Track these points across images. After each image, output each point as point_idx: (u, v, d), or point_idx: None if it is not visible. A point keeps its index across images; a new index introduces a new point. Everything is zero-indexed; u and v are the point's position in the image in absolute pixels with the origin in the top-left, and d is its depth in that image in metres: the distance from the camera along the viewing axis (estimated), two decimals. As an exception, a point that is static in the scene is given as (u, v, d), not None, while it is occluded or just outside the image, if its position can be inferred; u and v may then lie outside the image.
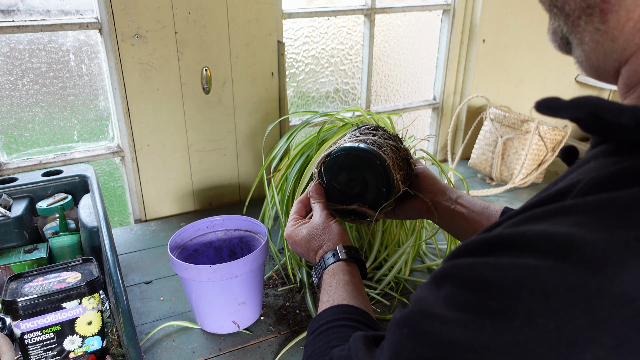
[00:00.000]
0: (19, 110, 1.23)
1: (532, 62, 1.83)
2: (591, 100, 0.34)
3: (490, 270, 0.32)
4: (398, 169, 0.83)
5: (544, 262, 0.30)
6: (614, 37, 0.38)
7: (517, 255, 0.32)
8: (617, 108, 0.33)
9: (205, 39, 1.29)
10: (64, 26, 1.17)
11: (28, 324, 0.78)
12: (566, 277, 0.29)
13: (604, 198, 0.32)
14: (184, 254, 1.02)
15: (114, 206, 1.47)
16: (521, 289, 0.30)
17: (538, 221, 0.34)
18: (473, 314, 0.32)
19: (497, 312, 0.31)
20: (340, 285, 0.69)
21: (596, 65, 0.41)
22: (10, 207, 1.04)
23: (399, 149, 0.86)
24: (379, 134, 0.88)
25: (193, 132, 1.38)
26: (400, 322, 0.37)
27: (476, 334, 0.31)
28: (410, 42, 1.73)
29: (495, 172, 1.66)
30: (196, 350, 0.93)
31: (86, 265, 0.89)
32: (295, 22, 1.47)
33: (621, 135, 0.35)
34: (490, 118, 1.68)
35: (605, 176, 0.33)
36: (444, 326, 0.33)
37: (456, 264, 0.35)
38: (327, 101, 1.65)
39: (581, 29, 0.40)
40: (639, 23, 0.37)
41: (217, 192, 1.49)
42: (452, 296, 0.34)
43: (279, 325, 1.00)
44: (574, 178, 0.37)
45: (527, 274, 0.30)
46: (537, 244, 0.32)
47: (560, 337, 0.28)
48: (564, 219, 0.32)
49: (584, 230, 0.30)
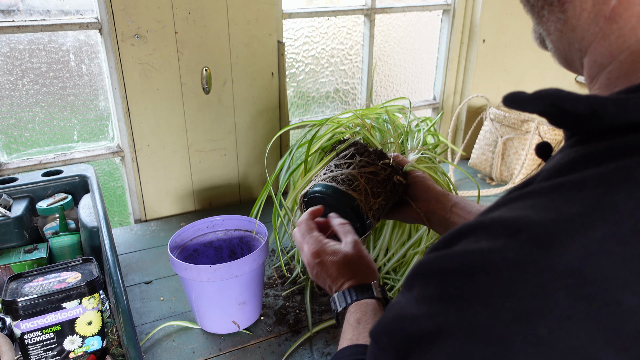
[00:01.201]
0: (19, 110, 1.23)
1: (532, 62, 1.83)
2: (550, 91, 0.35)
3: (448, 259, 0.33)
4: (373, 197, 0.82)
5: (495, 244, 0.31)
6: (573, 26, 0.40)
7: (473, 241, 0.33)
8: (574, 98, 0.34)
9: (205, 39, 1.29)
10: (64, 26, 1.17)
11: (28, 324, 0.78)
12: (516, 257, 0.30)
13: (557, 181, 0.33)
14: (184, 254, 1.02)
15: (114, 206, 1.47)
16: (477, 272, 0.31)
17: (498, 208, 0.35)
18: (438, 304, 0.33)
19: (457, 297, 0.32)
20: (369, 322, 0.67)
21: (564, 55, 0.43)
22: (10, 207, 1.04)
23: (376, 174, 0.83)
24: (356, 162, 0.85)
25: (193, 132, 1.38)
26: (377, 333, 0.38)
27: (441, 323, 0.32)
28: (410, 42, 1.73)
29: (495, 172, 1.66)
30: (196, 350, 0.93)
31: (86, 265, 0.89)
32: (295, 22, 1.47)
33: (580, 125, 0.36)
34: (490, 118, 1.68)
35: (563, 164, 0.35)
36: (414, 323, 0.34)
37: (422, 262, 0.36)
38: (327, 101, 1.65)
39: (545, 19, 0.42)
40: (592, 13, 0.38)
41: (217, 192, 1.49)
42: (420, 293, 0.35)
43: (279, 325, 1.00)
44: (540, 169, 0.38)
45: (480, 258, 0.31)
46: (491, 228, 0.33)
47: (514, 314, 0.29)
48: (520, 204, 0.34)
49: (535, 211, 0.31)
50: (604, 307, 0.28)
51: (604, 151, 0.33)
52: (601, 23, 0.38)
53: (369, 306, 0.69)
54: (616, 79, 0.38)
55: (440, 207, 0.83)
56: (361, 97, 1.69)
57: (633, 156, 0.31)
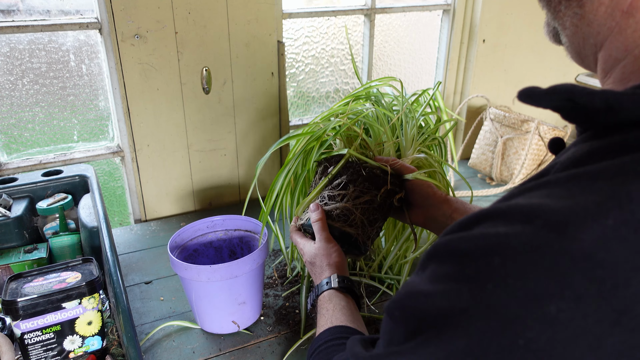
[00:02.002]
0: (19, 110, 1.23)
1: (532, 62, 1.83)
2: (566, 86, 0.36)
3: (465, 242, 0.35)
4: (370, 225, 0.82)
5: (512, 229, 0.33)
6: (589, 21, 0.40)
7: (490, 226, 0.34)
8: (589, 92, 0.35)
9: (205, 39, 1.29)
10: (64, 26, 1.17)
11: (28, 324, 0.78)
12: (532, 241, 0.31)
13: (573, 172, 0.34)
14: (184, 254, 1.02)
15: (114, 206, 1.47)
16: (493, 254, 0.32)
17: (514, 197, 0.36)
18: (453, 283, 0.34)
19: (473, 278, 0.33)
20: (337, 309, 0.71)
21: (578, 50, 0.43)
22: (10, 207, 1.04)
23: (372, 202, 0.81)
24: (349, 193, 0.82)
25: (193, 132, 1.38)
26: (390, 308, 0.39)
27: (456, 301, 0.33)
28: (410, 42, 1.73)
29: (495, 172, 1.66)
30: (196, 350, 0.93)
31: (86, 265, 0.89)
32: (295, 22, 1.47)
33: (595, 120, 0.37)
34: (490, 118, 1.68)
35: (578, 156, 0.36)
36: (428, 299, 0.35)
37: (437, 244, 0.37)
38: (327, 101, 1.65)
39: (562, 14, 0.43)
40: (609, 8, 0.38)
41: (217, 192, 1.49)
42: (435, 272, 0.36)
43: (279, 325, 1.00)
44: (553, 162, 0.39)
45: (497, 241, 0.33)
46: (508, 214, 0.34)
47: (527, 294, 0.30)
48: (536, 193, 0.35)
49: (552, 199, 0.33)
50: (612, 289, 0.29)
51: (620, 144, 0.34)
52: (618, 17, 0.38)
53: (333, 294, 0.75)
54: (631, 73, 0.39)
55: (441, 214, 0.83)
56: (361, 97, 1.69)
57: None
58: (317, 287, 0.77)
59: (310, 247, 0.82)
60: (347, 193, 0.82)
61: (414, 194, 0.86)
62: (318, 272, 0.79)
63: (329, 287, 0.75)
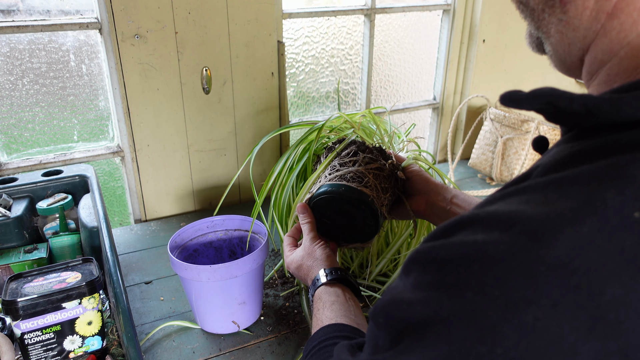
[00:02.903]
0: (19, 110, 1.23)
1: (532, 62, 1.83)
2: (546, 90, 0.36)
3: (446, 249, 0.35)
4: (383, 193, 0.82)
5: (490, 236, 0.33)
6: (575, 26, 0.40)
7: (470, 233, 0.35)
8: (568, 97, 0.35)
9: (205, 39, 1.29)
10: (64, 26, 1.17)
11: (28, 324, 0.78)
12: (509, 249, 0.32)
13: (552, 177, 0.34)
14: (184, 254, 1.02)
15: (114, 206, 1.47)
16: (472, 262, 0.33)
17: (495, 202, 0.37)
18: (433, 291, 0.34)
19: (453, 286, 0.33)
20: (326, 307, 0.71)
21: (563, 57, 0.44)
22: (10, 207, 1.04)
23: (382, 169, 0.83)
24: (360, 159, 0.85)
25: (193, 132, 1.38)
26: (375, 314, 0.39)
27: (436, 309, 0.33)
28: (410, 42, 1.73)
29: (495, 172, 1.66)
30: (196, 350, 0.93)
31: (86, 265, 0.89)
32: (295, 22, 1.47)
33: (576, 122, 0.38)
34: (490, 118, 1.68)
35: (558, 159, 0.36)
36: (410, 308, 0.35)
37: (419, 250, 0.37)
38: (327, 101, 1.65)
39: (546, 22, 0.43)
40: (594, 11, 0.39)
41: (217, 192, 1.49)
42: (417, 279, 0.36)
43: (279, 325, 1.00)
44: (536, 164, 0.39)
45: (476, 249, 0.33)
46: (486, 222, 0.34)
47: (505, 302, 0.31)
48: (515, 199, 0.35)
49: (530, 206, 0.33)
50: (588, 297, 0.29)
51: (597, 148, 0.34)
52: (603, 20, 0.38)
53: (323, 292, 0.74)
54: (615, 75, 0.39)
55: (441, 199, 0.85)
56: (361, 97, 1.70)
57: (625, 153, 0.32)
58: (310, 288, 0.77)
59: (295, 254, 0.83)
60: (358, 159, 0.85)
61: (412, 181, 0.88)
62: (305, 273, 0.80)
63: (319, 285, 0.75)
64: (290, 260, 0.84)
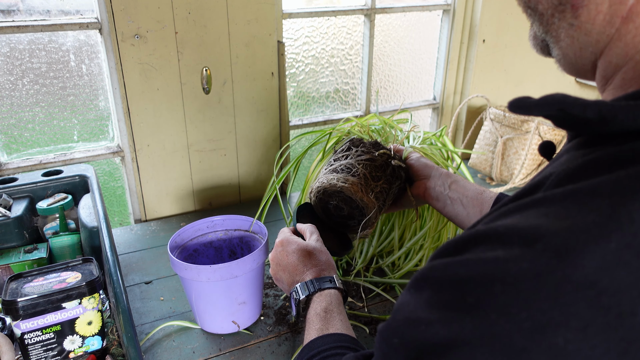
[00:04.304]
0: (19, 110, 1.23)
1: (532, 62, 1.83)
2: (557, 97, 0.35)
3: (464, 267, 0.33)
4: (374, 180, 0.89)
5: (511, 254, 0.31)
6: (587, 31, 0.39)
7: (488, 249, 0.33)
8: (582, 103, 0.34)
9: (205, 39, 1.29)
10: (64, 26, 1.17)
11: (28, 324, 0.78)
12: (533, 267, 0.30)
13: (569, 189, 0.33)
14: (184, 254, 1.02)
15: (114, 206, 1.47)
16: (494, 282, 0.31)
17: (510, 215, 0.35)
18: (453, 312, 0.33)
19: (474, 307, 0.32)
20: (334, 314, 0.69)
21: (573, 61, 0.42)
22: (10, 207, 1.04)
23: (373, 160, 0.90)
24: (352, 153, 0.93)
25: (193, 132, 1.38)
26: (387, 333, 0.38)
27: (458, 331, 0.32)
28: (410, 42, 1.73)
29: (495, 172, 1.66)
30: (196, 350, 0.93)
31: (86, 265, 0.89)
32: (295, 22, 1.47)
33: (588, 129, 0.37)
34: (490, 118, 1.68)
35: (573, 169, 0.35)
36: (429, 328, 0.34)
37: (433, 266, 0.36)
38: (327, 101, 1.65)
39: (556, 27, 0.41)
40: (608, 15, 0.38)
41: (217, 192, 1.49)
42: (432, 298, 0.35)
43: (279, 325, 1.00)
44: (547, 171, 0.38)
45: (497, 267, 0.32)
46: (505, 237, 0.33)
47: (532, 324, 0.29)
48: (532, 212, 0.34)
49: (550, 220, 0.31)
50: (619, 318, 0.28)
51: (615, 157, 0.33)
52: (617, 24, 0.38)
53: (333, 296, 0.72)
54: (631, 79, 0.38)
55: (440, 183, 0.88)
56: (361, 97, 1.70)
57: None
58: (317, 282, 0.73)
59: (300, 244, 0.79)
60: (350, 154, 0.93)
61: (412, 168, 0.93)
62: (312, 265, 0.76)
63: (332, 286, 0.73)
64: (288, 249, 0.79)
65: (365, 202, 0.87)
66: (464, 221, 0.86)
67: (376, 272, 1.16)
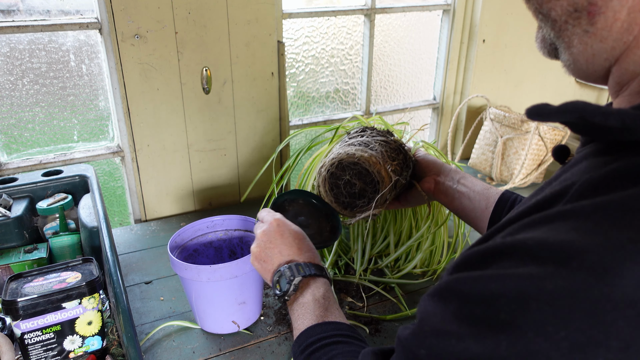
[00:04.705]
0: (19, 110, 1.23)
1: (532, 62, 1.83)
2: (578, 105, 0.35)
3: (495, 282, 0.33)
4: (390, 160, 0.90)
5: (545, 270, 0.31)
6: (602, 37, 0.39)
7: (518, 264, 0.33)
8: (604, 112, 0.34)
9: (205, 39, 1.29)
10: (64, 26, 1.17)
11: (28, 324, 0.78)
12: (569, 285, 0.30)
13: (598, 202, 0.32)
14: (184, 254, 1.02)
15: (114, 206, 1.47)
16: (529, 299, 0.31)
17: (536, 227, 0.35)
18: (486, 328, 0.32)
19: (509, 324, 0.31)
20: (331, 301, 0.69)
21: (584, 67, 0.42)
22: (10, 207, 1.05)
23: (388, 142, 0.92)
24: (367, 134, 0.95)
25: (193, 132, 1.38)
26: (413, 343, 0.37)
27: (492, 348, 0.31)
28: (410, 42, 1.73)
29: (495, 172, 1.66)
30: (196, 350, 0.93)
31: (86, 265, 0.89)
32: (295, 22, 1.47)
33: (609, 136, 0.37)
34: (490, 118, 1.68)
35: (597, 178, 0.34)
36: (460, 343, 0.33)
37: (461, 278, 0.35)
38: (327, 101, 1.65)
39: (569, 33, 0.41)
40: (626, 22, 0.37)
41: (217, 192, 1.49)
42: (462, 311, 0.34)
43: (279, 325, 1.00)
44: (567, 179, 0.38)
45: (531, 284, 0.31)
46: (537, 252, 0.32)
47: (571, 344, 0.29)
48: (561, 224, 0.33)
49: (581, 235, 0.31)
50: None
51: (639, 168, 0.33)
52: (636, 31, 0.37)
53: (328, 285, 0.72)
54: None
55: (449, 178, 0.91)
56: (361, 97, 1.70)
57: None
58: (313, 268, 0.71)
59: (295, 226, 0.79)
60: (365, 134, 0.95)
61: (421, 163, 0.96)
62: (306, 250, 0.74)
63: (325, 275, 0.72)
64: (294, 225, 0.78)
65: (382, 176, 0.87)
66: (469, 214, 0.89)
67: (376, 273, 1.16)
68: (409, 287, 1.11)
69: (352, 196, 0.93)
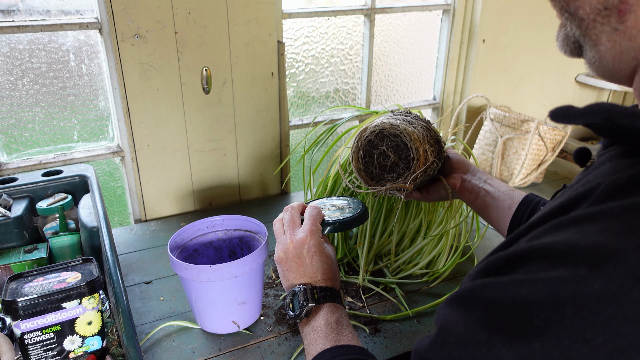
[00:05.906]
0: (19, 110, 1.23)
1: (532, 62, 1.83)
2: (605, 106, 0.35)
3: (526, 287, 0.32)
4: (428, 145, 0.91)
5: (578, 274, 0.30)
6: (632, 36, 0.38)
7: (548, 268, 0.32)
8: (631, 113, 0.34)
9: (205, 39, 1.29)
10: (64, 26, 1.17)
11: (28, 324, 0.78)
12: (606, 289, 0.29)
13: (628, 203, 0.32)
14: (184, 254, 1.02)
15: (114, 206, 1.47)
16: (564, 304, 0.30)
17: (563, 230, 0.34)
18: (519, 335, 0.31)
19: (544, 330, 0.30)
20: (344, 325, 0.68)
21: (611, 65, 0.41)
22: (10, 207, 1.04)
23: (429, 129, 0.94)
24: (412, 116, 0.96)
25: (193, 132, 1.38)
26: (438, 355, 0.36)
27: (526, 355, 0.31)
28: (410, 42, 1.73)
29: (495, 172, 1.66)
30: (196, 350, 0.93)
31: (86, 265, 0.89)
32: (295, 22, 1.47)
33: (636, 138, 0.36)
34: (490, 118, 1.68)
35: (625, 179, 0.34)
36: (491, 352, 0.32)
37: (487, 284, 0.34)
38: (327, 101, 1.65)
39: (597, 31, 0.40)
40: None
41: (217, 192, 1.49)
42: (491, 318, 0.33)
43: (279, 325, 1.00)
44: (592, 181, 0.37)
45: (565, 288, 0.30)
46: (568, 255, 0.31)
47: (611, 349, 0.28)
48: (591, 226, 0.32)
49: (613, 236, 0.30)
50: None
51: None
52: None
53: (342, 310, 0.72)
54: None
55: (476, 178, 0.94)
56: (361, 97, 1.70)
57: None
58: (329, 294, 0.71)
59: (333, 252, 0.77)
60: (410, 116, 0.96)
61: (451, 160, 0.98)
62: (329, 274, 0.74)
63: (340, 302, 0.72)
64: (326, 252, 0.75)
65: (419, 153, 0.87)
66: (492, 213, 0.91)
67: (376, 273, 1.16)
68: (409, 287, 1.11)
69: (382, 168, 0.92)
